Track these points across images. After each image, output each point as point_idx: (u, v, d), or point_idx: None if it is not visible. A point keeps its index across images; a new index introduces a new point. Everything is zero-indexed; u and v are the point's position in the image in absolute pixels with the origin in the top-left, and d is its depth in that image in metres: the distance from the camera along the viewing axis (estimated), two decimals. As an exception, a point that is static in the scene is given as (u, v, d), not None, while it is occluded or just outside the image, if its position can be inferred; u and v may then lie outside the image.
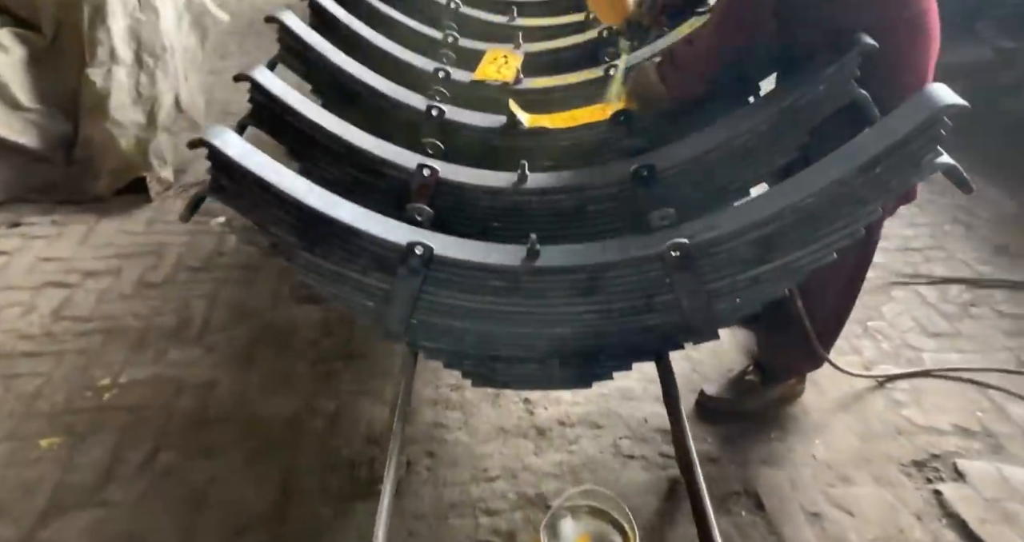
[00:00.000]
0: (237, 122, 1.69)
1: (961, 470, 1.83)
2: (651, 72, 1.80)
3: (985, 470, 1.82)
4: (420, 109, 2.06)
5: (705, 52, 1.70)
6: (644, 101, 1.86)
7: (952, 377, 2.11)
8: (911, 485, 1.81)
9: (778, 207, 1.35)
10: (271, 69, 1.94)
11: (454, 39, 2.61)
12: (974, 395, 2.05)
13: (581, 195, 1.81)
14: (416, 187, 1.77)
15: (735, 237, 1.39)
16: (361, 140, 1.77)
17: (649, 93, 1.82)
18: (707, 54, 1.70)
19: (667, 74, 1.78)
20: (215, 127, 1.40)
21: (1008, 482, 1.79)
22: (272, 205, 1.42)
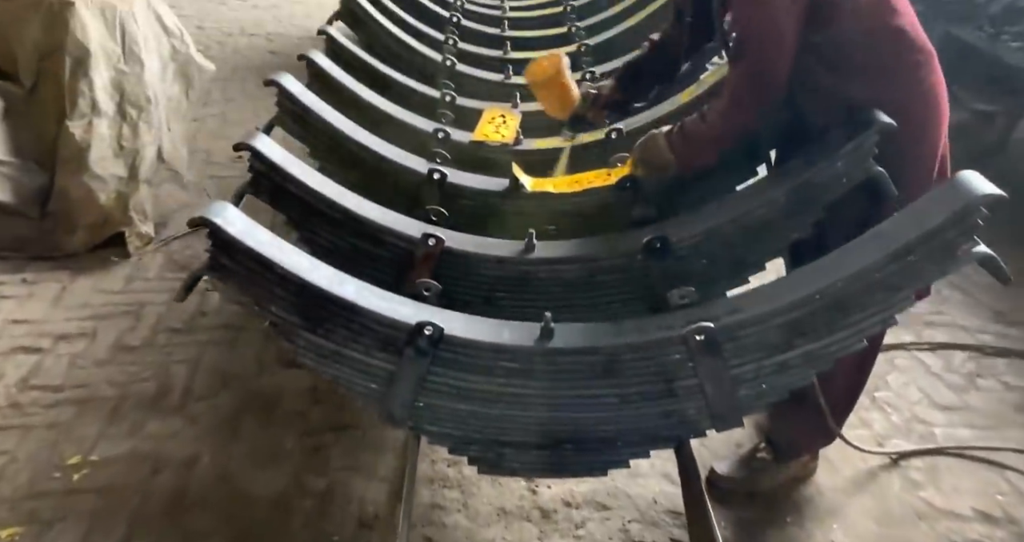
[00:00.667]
0: (235, 191, 1.62)
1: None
2: (660, 140, 1.78)
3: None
4: (421, 173, 2.02)
5: (718, 129, 1.68)
6: (651, 168, 1.84)
7: (967, 456, 2.06)
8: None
9: (807, 291, 1.31)
10: (267, 132, 1.89)
11: (452, 98, 2.59)
12: (991, 476, 2.01)
13: (590, 266, 1.76)
14: (421, 256, 1.70)
15: (762, 321, 1.35)
16: (363, 208, 1.71)
17: (657, 161, 1.80)
18: (719, 130, 1.68)
19: (677, 144, 1.76)
20: (216, 204, 1.33)
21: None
22: (273, 284, 1.34)
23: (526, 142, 2.40)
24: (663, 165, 1.79)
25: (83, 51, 2.96)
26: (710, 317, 1.38)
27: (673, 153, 1.75)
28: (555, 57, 1.99)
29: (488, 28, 3.66)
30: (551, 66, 1.97)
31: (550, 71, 1.97)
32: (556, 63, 1.97)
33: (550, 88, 2.00)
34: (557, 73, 1.96)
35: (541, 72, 1.98)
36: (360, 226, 1.68)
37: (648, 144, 1.82)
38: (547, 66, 1.98)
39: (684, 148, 1.74)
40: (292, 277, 1.34)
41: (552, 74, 1.97)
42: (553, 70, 1.96)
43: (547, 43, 3.55)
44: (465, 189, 2.04)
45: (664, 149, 1.77)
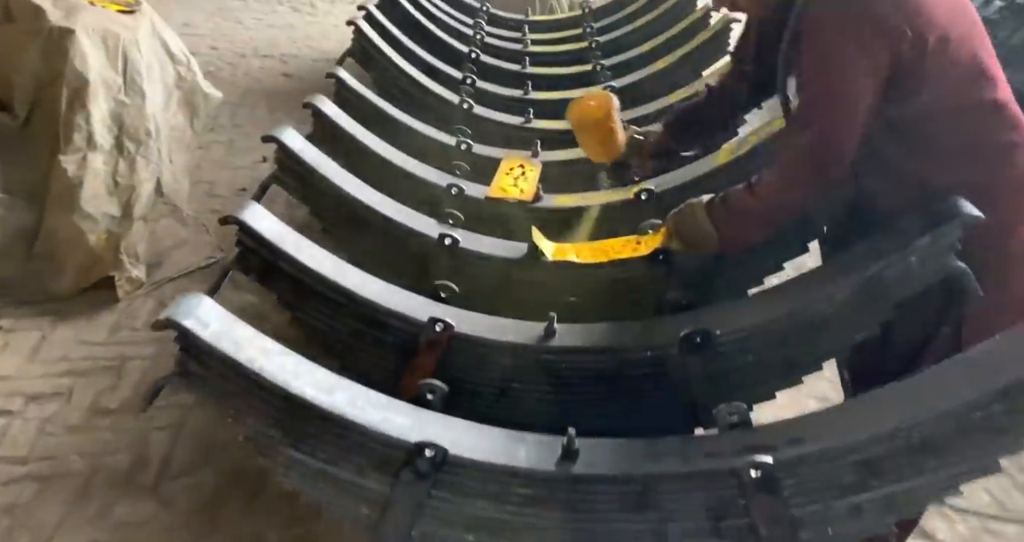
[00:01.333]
0: (221, 268, 1.42)
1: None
2: (699, 212, 1.58)
3: None
4: (431, 237, 1.82)
5: (769, 204, 1.48)
6: (688, 243, 1.63)
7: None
8: None
9: (887, 426, 1.09)
10: (263, 193, 1.70)
11: (467, 146, 2.41)
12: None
13: (619, 357, 1.54)
14: (425, 343, 1.50)
15: (830, 457, 1.12)
16: (364, 287, 1.50)
17: (695, 235, 1.60)
18: (770, 207, 1.48)
19: (720, 218, 1.55)
20: (188, 298, 1.13)
21: None
22: (252, 394, 1.13)
23: (546, 198, 2.20)
24: (701, 240, 1.58)
25: (81, 81, 2.80)
26: (767, 447, 1.16)
27: (716, 227, 1.55)
28: (604, 98, 1.82)
29: (508, 64, 3.50)
30: (599, 108, 1.80)
31: (597, 113, 1.80)
32: (606, 105, 1.80)
33: (595, 131, 1.84)
34: (605, 116, 1.80)
35: (587, 114, 1.81)
36: (360, 308, 1.48)
37: (685, 215, 1.61)
38: (595, 107, 1.81)
39: (728, 223, 1.55)
40: (274, 387, 1.13)
41: (599, 117, 1.80)
42: (601, 112, 1.80)
43: (570, 82, 3.38)
44: (478, 255, 1.84)
45: (704, 222, 1.56)
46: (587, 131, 1.85)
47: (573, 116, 1.85)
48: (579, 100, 1.85)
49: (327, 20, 6.63)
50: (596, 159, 1.92)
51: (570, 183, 2.47)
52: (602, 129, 1.82)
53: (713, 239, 1.56)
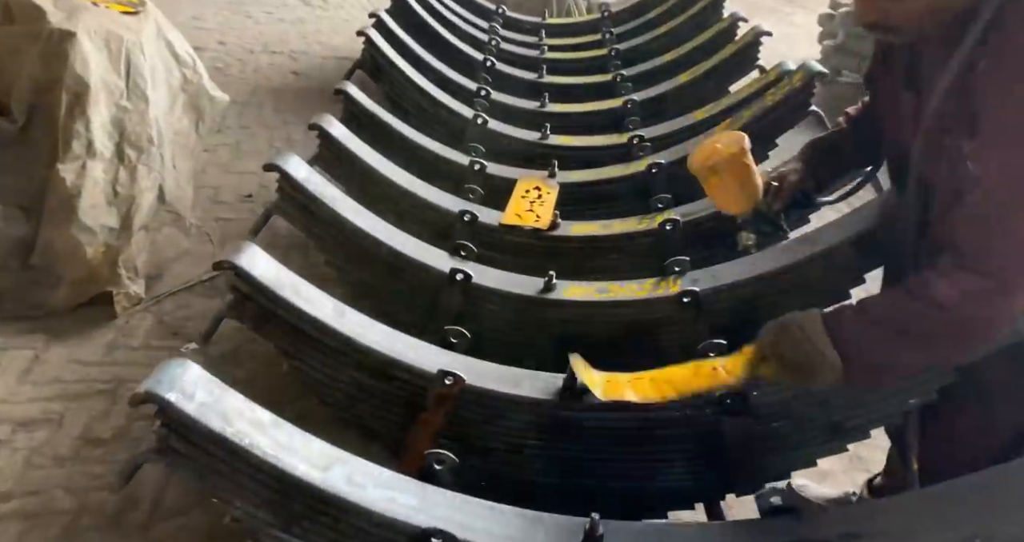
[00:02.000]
0: (212, 317, 1.31)
1: None
2: (815, 328, 1.12)
3: None
4: (443, 272, 1.70)
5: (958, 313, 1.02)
6: (794, 372, 1.16)
7: None
8: None
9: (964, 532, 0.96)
10: (265, 220, 1.58)
11: (481, 166, 2.27)
12: None
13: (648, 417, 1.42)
14: (435, 397, 1.37)
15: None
16: (369, 335, 1.38)
17: (807, 363, 1.13)
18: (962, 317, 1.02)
19: (852, 337, 1.10)
20: (172, 365, 1.01)
21: None
22: (240, 473, 1.02)
23: (563, 225, 2.07)
24: (816, 369, 1.12)
25: (82, 86, 2.68)
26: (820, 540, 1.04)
27: (845, 353, 1.10)
28: (736, 134, 1.51)
29: (525, 73, 3.36)
30: (733, 143, 1.48)
31: (732, 149, 1.46)
32: (739, 140, 1.48)
33: (731, 172, 1.47)
34: (741, 151, 1.47)
35: (717, 154, 1.48)
36: (364, 358, 1.36)
37: (792, 334, 1.15)
38: (727, 144, 1.48)
39: (869, 346, 1.09)
40: (264, 464, 1.01)
41: (734, 152, 1.46)
42: (736, 147, 1.47)
43: (587, 93, 3.25)
44: (492, 292, 1.72)
45: (823, 344, 1.11)
46: (719, 174, 1.48)
47: (701, 160, 1.49)
48: (705, 144, 1.53)
49: (338, 14, 6.47)
50: (733, 209, 1.54)
51: (589, 206, 2.35)
52: (738, 168, 1.47)
53: (835, 368, 1.11)
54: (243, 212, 3.40)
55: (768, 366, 1.20)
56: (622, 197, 2.35)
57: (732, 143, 1.47)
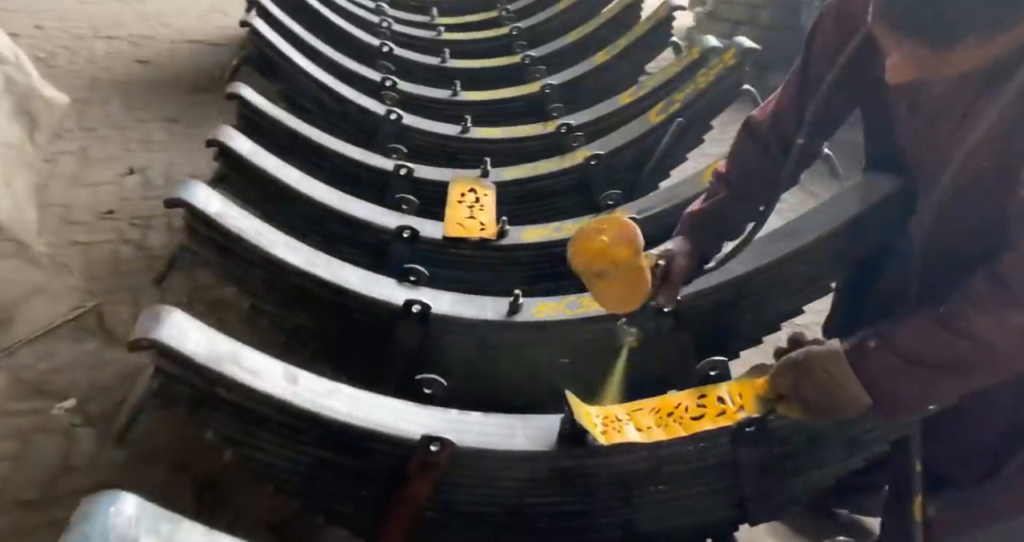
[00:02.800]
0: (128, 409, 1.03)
1: None
2: (838, 364, 1.06)
3: None
4: (396, 305, 1.48)
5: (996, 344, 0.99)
6: (816, 408, 1.10)
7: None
8: None
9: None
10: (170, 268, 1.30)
11: (408, 171, 2.04)
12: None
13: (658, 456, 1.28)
14: (418, 467, 1.17)
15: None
16: (330, 404, 1.15)
17: (831, 399, 1.07)
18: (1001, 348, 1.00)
19: (890, 377, 1.05)
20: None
21: None
22: None
23: (512, 231, 1.89)
24: (842, 405, 1.07)
25: None
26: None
27: (872, 387, 1.05)
28: (626, 227, 1.24)
29: (427, 58, 3.12)
30: (623, 242, 1.22)
31: (623, 253, 1.22)
32: (631, 239, 1.22)
33: (622, 277, 1.25)
34: (635, 254, 1.22)
35: (604, 257, 1.23)
36: (329, 432, 1.13)
37: (813, 371, 1.08)
38: (616, 241, 1.23)
39: (902, 382, 1.05)
40: None
41: (627, 257, 1.22)
42: (629, 251, 1.22)
43: (498, 77, 3.06)
44: (454, 322, 1.52)
45: (848, 380, 1.05)
46: (609, 279, 1.26)
47: (584, 263, 1.26)
48: (584, 235, 1.26)
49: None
50: (619, 309, 1.34)
51: (529, 205, 2.18)
52: (631, 272, 1.25)
53: (862, 405, 1.06)
54: (105, 232, 2.90)
55: (787, 407, 1.13)
56: (563, 193, 2.21)
57: (622, 242, 1.23)
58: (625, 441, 1.20)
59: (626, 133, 2.26)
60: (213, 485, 1.69)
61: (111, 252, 2.75)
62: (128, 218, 2.95)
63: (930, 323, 1.02)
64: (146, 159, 3.39)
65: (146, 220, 2.95)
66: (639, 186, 2.20)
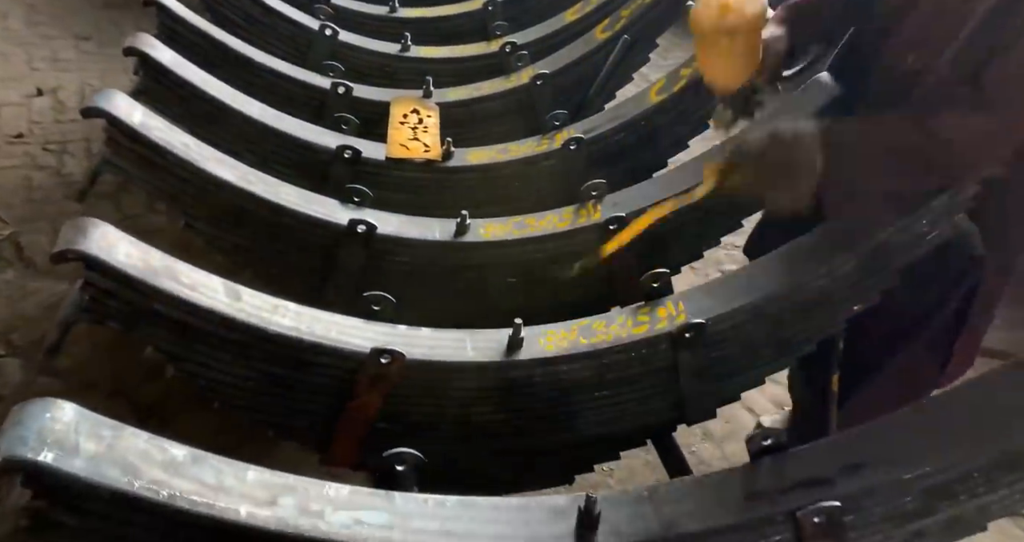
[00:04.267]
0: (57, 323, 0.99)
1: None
2: (806, 132, 1.13)
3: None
4: (339, 224, 1.46)
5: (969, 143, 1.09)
6: (763, 180, 1.17)
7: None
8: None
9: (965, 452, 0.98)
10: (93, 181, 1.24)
11: (346, 90, 1.97)
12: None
13: (600, 363, 1.33)
14: (368, 379, 1.18)
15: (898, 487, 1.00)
16: (275, 319, 1.14)
17: (786, 170, 1.13)
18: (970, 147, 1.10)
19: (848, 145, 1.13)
20: (31, 410, 0.74)
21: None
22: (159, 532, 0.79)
23: (457, 153, 1.87)
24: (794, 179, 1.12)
25: None
26: (821, 479, 1.02)
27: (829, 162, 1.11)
28: None
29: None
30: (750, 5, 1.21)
31: (755, 8, 1.21)
32: (759, 3, 1.22)
33: (744, 41, 1.25)
34: (764, 11, 1.22)
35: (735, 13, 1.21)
36: (277, 347, 1.13)
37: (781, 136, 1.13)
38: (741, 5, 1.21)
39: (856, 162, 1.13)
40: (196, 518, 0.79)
41: (757, 13, 1.21)
42: (759, 6, 1.21)
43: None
44: (400, 243, 1.52)
45: (811, 150, 1.11)
46: (735, 39, 1.23)
47: (714, 17, 1.22)
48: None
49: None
50: (727, 81, 1.33)
51: (473, 127, 2.15)
52: (755, 35, 1.25)
53: (812, 179, 1.11)
54: (15, 157, 2.71)
55: (741, 177, 1.17)
56: (507, 115, 2.18)
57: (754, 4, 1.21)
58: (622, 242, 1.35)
59: (572, 51, 2.23)
60: (154, 410, 1.68)
61: (23, 179, 2.60)
62: (40, 143, 2.77)
63: (907, 119, 1.13)
64: (55, 79, 3.16)
65: (61, 145, 2.78)
66: (585, 106, 2.18)
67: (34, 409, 0.75)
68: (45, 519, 0.73)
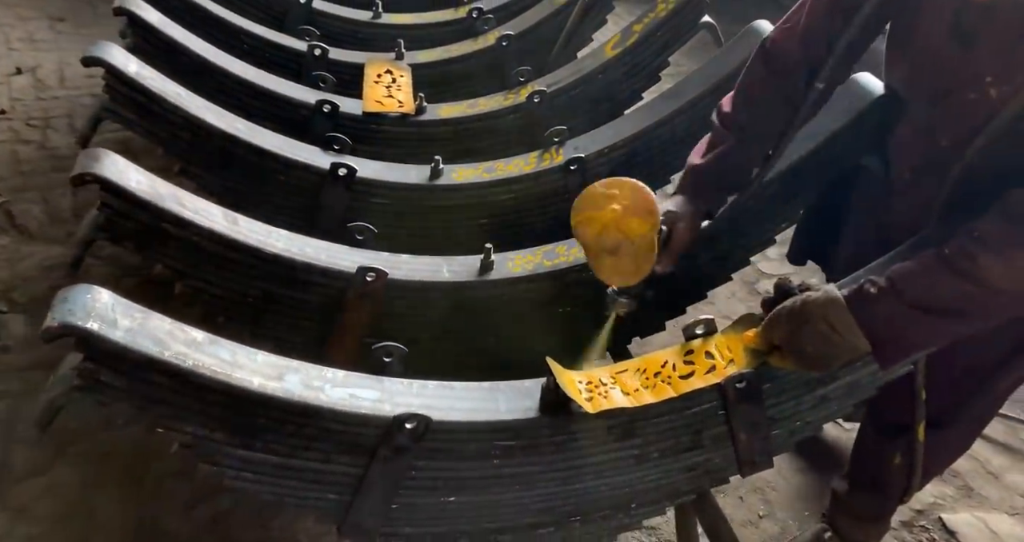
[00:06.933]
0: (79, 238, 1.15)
1: (950, 527, 1.87)
2: (839, 313, 1.03)
3: (973, 524, 1.88)
4: (322, 168, 1.62)
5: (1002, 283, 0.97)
6: (813, 360, 1.08)
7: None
8: (909, 551, 1.80)
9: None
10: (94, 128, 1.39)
11: (323, 52, 2.13)
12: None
13: (560, 282, 1.52)
14: (356, 295, 1.36)
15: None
16: (271, 242, 1.31)
17: (831, 350, 1.05)
18: None
19: (893, 324, 1.02)
20: (76, 292, 0.90)
21: (998, 537, 1.85)
22: (187, 396, 0.96)
23: (429, 108, 2.04)
24: (841, 355, 1.06)
25: None
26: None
27: (873, 339, 1.03)
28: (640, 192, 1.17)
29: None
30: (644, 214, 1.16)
31: (642, 228, 1.17)
32: (651, 209, 1.16)
33: (634, 253, 1.20)
34: (652, 228, 1.17)
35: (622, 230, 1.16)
36: (273, 267, 1.29)
37: (815, 325, 1.04)
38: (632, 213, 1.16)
39: (905, 329, 1.03)
40: (217, 384, 0.96)
41: (645, 232, 1.17)
42: (648, 224, 1.17)
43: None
44: (379, 185, 1.68)
45: (849, 330, 1.03)
46: (619, 254, 1.20)
47: (591, 232, 1.18)
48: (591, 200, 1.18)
49: None
50: (621, 283, 1.28)
51: (444, 87, 2.31)
52: (645, 247, 1.19)
53: (860, 351, 1.05)
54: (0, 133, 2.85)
55: (780, 359, 1.12)
56: (476, 75, 2.34)
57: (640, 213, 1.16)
58: (613, 407, 1.14)
59: (534, 14, 2.40)
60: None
61: (10, 153, 2.72)
62: (24, 118, 2.90)
63: (935, 265, 1.00)
64: (33, 59, 3.28)
65: (44, 120, 2.90)
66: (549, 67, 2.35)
67: (77, 291, 0.91)
68: (94, 379, 0.89)
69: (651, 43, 2.02)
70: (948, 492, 1.98)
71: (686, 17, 2.01)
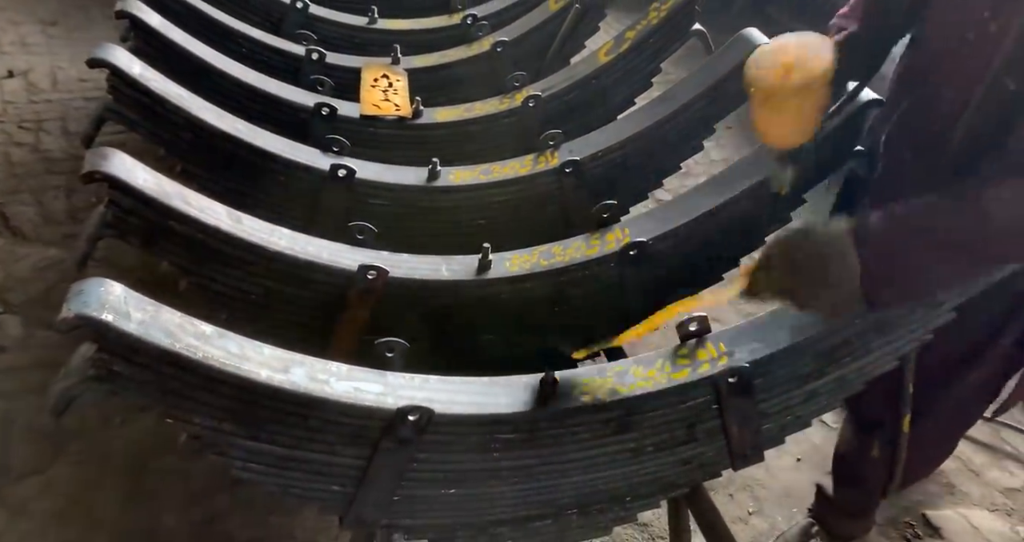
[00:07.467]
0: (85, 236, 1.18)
1: (934, 523, 1.92)
2: (840, 237, 1.03)
3: (955, 520, 1.93)
4: (322, 169, 1.65)
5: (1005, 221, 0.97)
6: (807, 288, 1.07)
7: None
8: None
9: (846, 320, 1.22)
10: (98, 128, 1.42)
11: (320, 56, 2.16)
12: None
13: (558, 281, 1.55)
14: (358, 293, 1.39)
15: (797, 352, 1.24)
16: (274, 241, 1.34)
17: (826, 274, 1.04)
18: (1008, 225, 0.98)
19: (887, 246, 1.02)
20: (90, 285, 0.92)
21: (979, 532, 1.90)
22: (198, 388, 0.99)
23: (426, 112, 2.07)
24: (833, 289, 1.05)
25: None
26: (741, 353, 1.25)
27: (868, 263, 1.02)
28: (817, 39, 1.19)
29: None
30: (825, 52, 1.16)
31: (823, 64, 1.15)
32: (827, 47, 1.17)
33: (810, 100, 1.18)
34: (831, 66, 1.15)
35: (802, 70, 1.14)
36: (275, 264, 1.32)
37: (811, 234, 1.05)
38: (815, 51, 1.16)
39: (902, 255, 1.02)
40: (226, 376, 0.99)
41: (827, 69, 1.15)
42: (827, 62, 1.15)
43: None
44: (378, 186, 1.71)
45: (848, 255, 1.02)
46: (801, 97, 1.17)
47: (778, 74, 1.15)
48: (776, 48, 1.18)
49: None
50: (791, 141, 1.26)
51: (439, 92, 2.34)
52: (823, 90, 1.17)
53: (854, 281, 1.03)
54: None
55: (772, 280, 1.08)
56: (471, 80, 2.37)
57: (821, 51, 1.15)
58: None
59: (528, 21, 2.44)
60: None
61: (2, 155, 2.73)
62: (16, 121, 2.91)
63: (939, 201, 1.00)
64: (25, 63, 3.28)
65: (37, 124, 2.92)
66: (544, 71, 2.39)
67: (91, 283, 0.94)
68: (108, 369, 0.92)
69: (643, 49, 2.06)
70: (932, 489, 2.03)
71: (677, 24, 2.05)
